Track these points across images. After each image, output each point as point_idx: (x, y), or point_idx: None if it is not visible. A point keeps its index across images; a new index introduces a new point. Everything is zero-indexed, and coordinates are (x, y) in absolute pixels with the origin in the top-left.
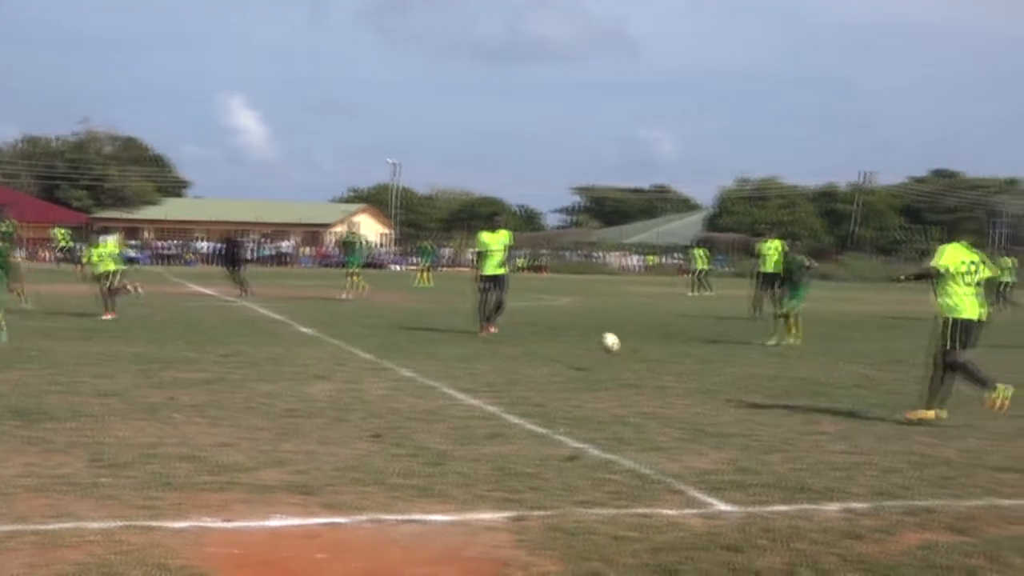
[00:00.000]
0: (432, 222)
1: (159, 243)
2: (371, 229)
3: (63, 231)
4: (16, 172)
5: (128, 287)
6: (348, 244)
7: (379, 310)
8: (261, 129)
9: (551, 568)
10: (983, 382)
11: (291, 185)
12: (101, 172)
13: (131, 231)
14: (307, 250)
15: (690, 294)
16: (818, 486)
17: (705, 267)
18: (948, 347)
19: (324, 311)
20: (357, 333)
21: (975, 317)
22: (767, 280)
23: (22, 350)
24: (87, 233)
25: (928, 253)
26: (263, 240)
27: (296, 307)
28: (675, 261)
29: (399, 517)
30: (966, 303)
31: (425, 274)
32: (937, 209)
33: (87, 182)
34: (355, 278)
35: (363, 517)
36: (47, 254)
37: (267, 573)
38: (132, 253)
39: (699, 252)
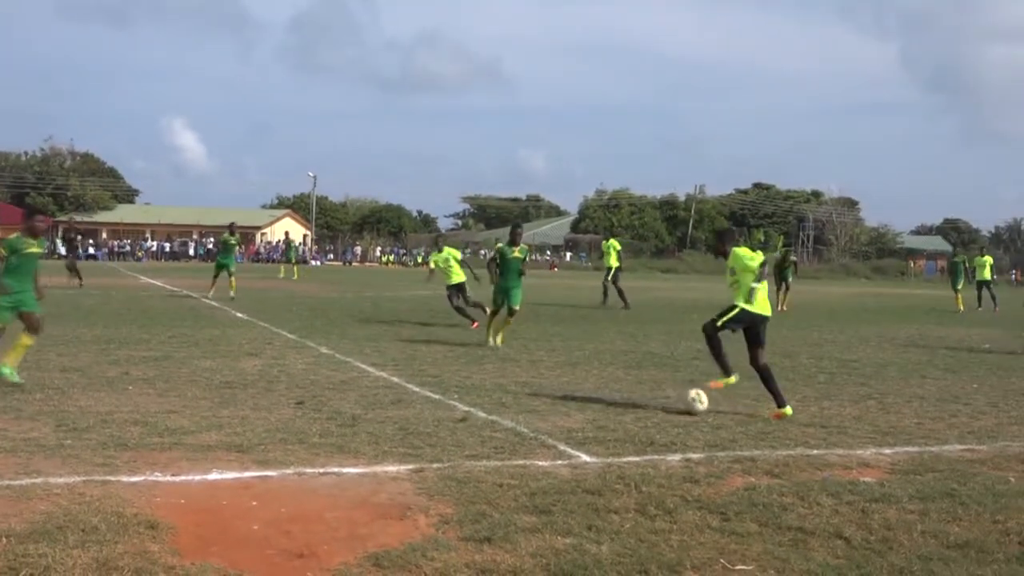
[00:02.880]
0: (345, 225)
1: (114, 242)
2: (294, 231)
3: None
4: None
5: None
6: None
7: (301, 299)
8: (200, 147)
9: (446, 511)
10: (724, 366)
11: (225, 194)
12: (63, 182)
13: (90, 232)
14: (240, 248)
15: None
16: (663, 440)
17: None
18: (719, 323)
19: (254, 299)
20: (283, 317)
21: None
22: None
23: None
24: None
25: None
26: (204, 239)
27: (242, 297)
28: (547, 258)
29: (319, 470)
30: (759, 298)
31: (294, 267)
32: (756, 215)
33: (51, 190)
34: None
35: (289, 471)
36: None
37: (208, 518)
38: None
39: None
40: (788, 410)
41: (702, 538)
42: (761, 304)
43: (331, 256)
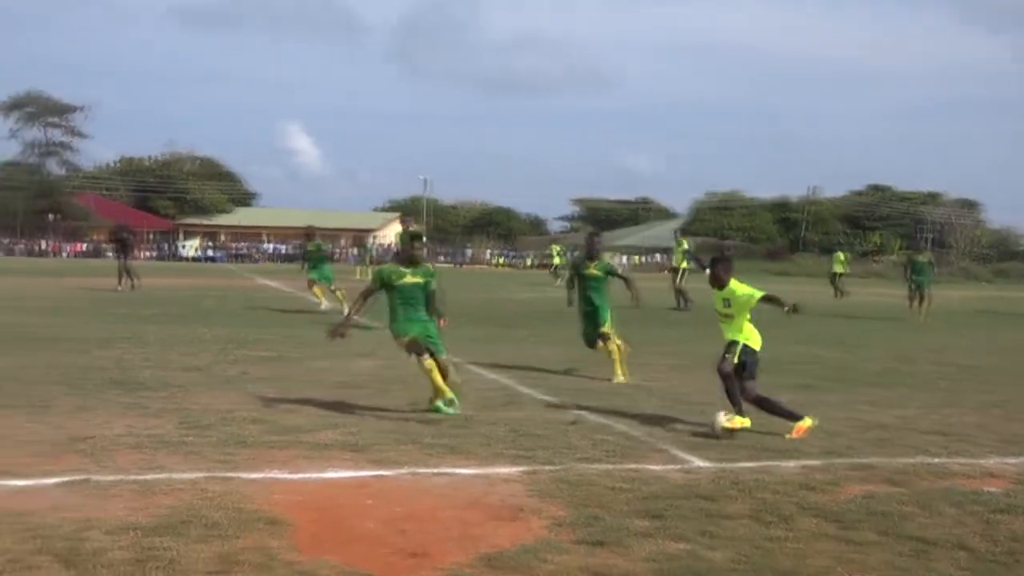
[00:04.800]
0: (456, 227)
1: (232, 244)
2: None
3: None
4: (115, 186)
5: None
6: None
7: None
8: (314, 150)
9: (559, 513)
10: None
11: (339, 197)
12: (184, 186)
13: (210, 235)
14: (354, 250)
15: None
16: (777, 446)
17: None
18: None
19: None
20: None
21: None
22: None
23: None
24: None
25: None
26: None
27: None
28: (656, 260)
29: (432, 470)
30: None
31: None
32: (872, 217)
33: (172, 194)
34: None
35: (403, 470)
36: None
37: (325, 516)
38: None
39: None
40: (808, 420)
41: (819, 546)
42: (755, 339)
43: (442, 258)
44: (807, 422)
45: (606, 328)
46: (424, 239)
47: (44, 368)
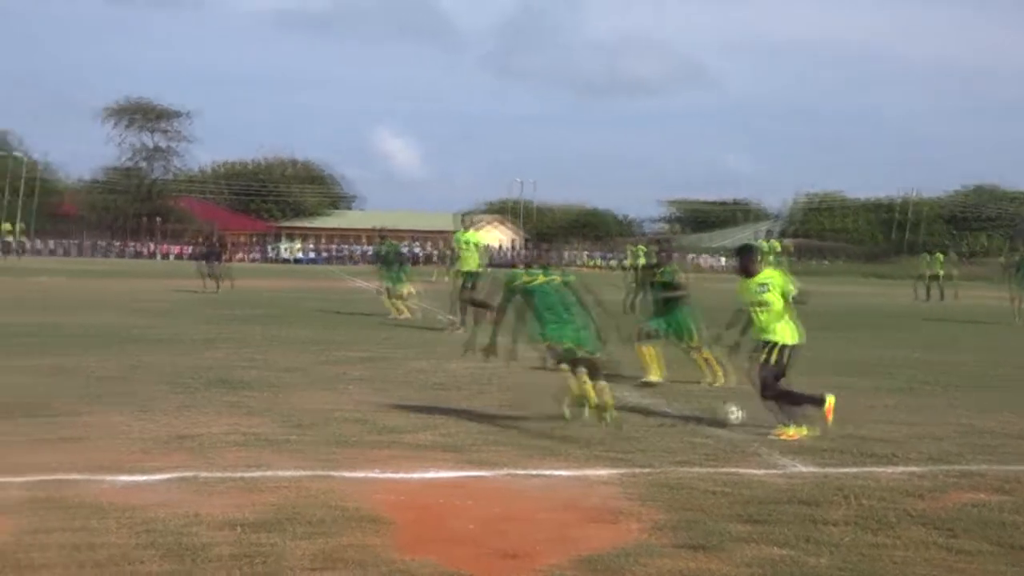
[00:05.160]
0: (553, 230)
1: (331, 247)
2: (502, 236)
3: (8, 226)
4: (216, 190)
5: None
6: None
7: None
8: (410, 153)
9: (657, 516)
10: (812, 400)
11: (436, 200)
12: (284, 189)
13: (309, 237)
14: (450, 252)
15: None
16: (881, 452)
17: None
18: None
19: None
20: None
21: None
22: None
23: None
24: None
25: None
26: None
27: (442, 298)
28: None
29: (529, 472)
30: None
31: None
32: (978, 218)
33: (273, 197)
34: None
35: (500, 471)
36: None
37: (423, 515)
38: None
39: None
40: (804, 430)
41: (926, 555)
42: (792, 332)
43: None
44: (803, 431)
45: (694, 343)
46: (540, 244)
47: (153, 368)
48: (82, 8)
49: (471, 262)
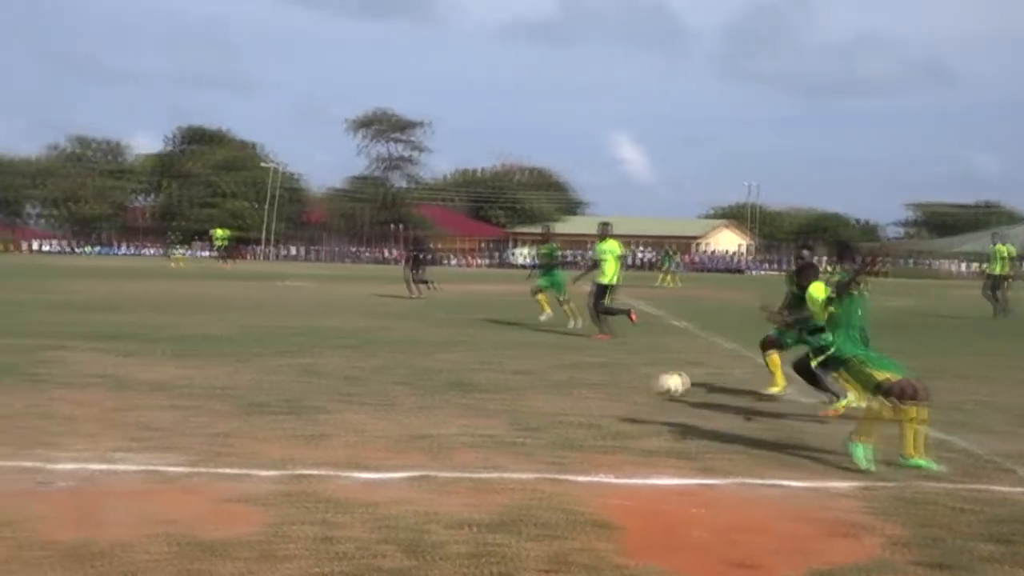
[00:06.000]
0: (785, 234)
1: (562, 252)
2: (732, 241)
3: (222, 231)
4: (452, 197)
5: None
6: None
7: (736, 309)
8: (640, 158)
9: (897, 532)
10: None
11: (666, 204)
12: (516, 196)
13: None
14: (679, 257)
15: None
16: None
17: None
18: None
19: (693, 308)
20: (721, 327)
21: None
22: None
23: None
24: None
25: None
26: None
27: (669, 304)
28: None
29: (762, 481)
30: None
31: (668, 277)
32: None
33: (505, 203)
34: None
35: (732, 480)
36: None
37: (653, 522)
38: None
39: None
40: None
41: None
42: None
43: (767, 265)
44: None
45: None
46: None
47: (393, 369)
48: (331, 24)
49: (609, 272)
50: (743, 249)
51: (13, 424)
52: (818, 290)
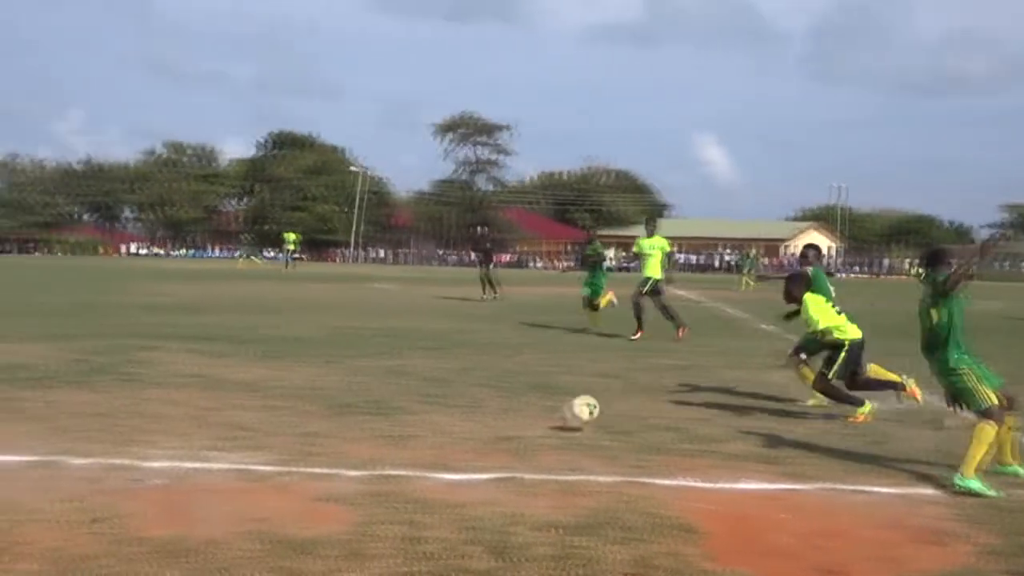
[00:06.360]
0: (874, 237)
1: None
2: (820, 243)
3: (294, 235)
4: (536, 200)
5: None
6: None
7: None
8: (725, 160)
9: (988, 540)
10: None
11: (751, 206)
12: (600, 198)
13: (624, 245)
14: (766, 260)
15: None
16: None
17: None
18: (831, 376)
19: (780, 311)
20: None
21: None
22: None
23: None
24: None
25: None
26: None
27: (756, 307)
28: None
29: (849, 487)
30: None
31: (746, 279)
32: None
33: (589, 206)
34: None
35: (818, 485)
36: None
37: (738, 526)
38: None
39: None
40: (867, 406)
41: None
42: (853, 329)
43: (857, 268)
44: (866, 408)
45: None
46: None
47: (477, 371)
48: (417, 28)
49: (654, 268)
50: (830, 251)
51: (109, 422)
52: (812, 300)
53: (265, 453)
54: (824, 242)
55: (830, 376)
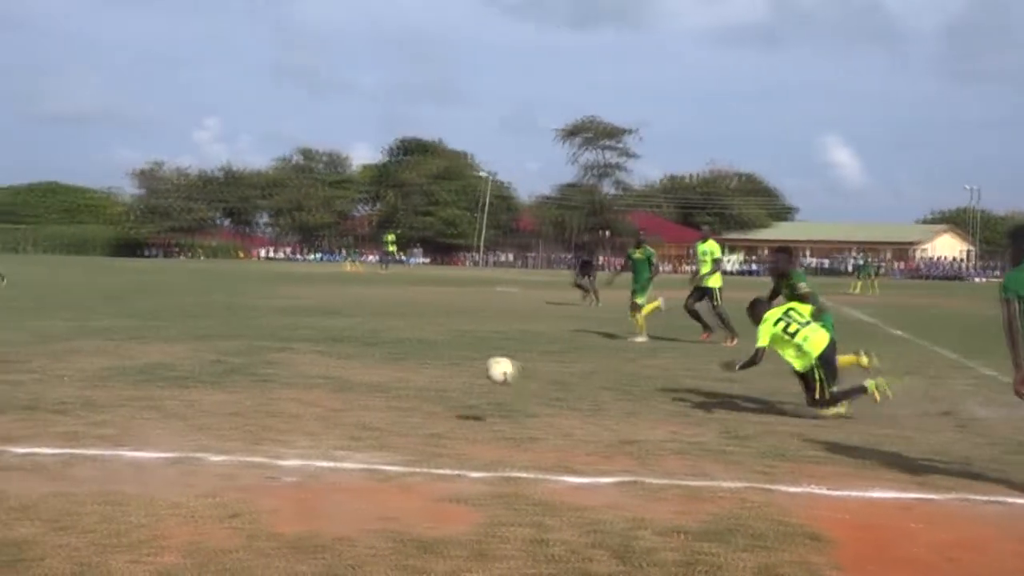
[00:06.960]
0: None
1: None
2: (953, 247)
3: (392, 236)
4: (660, 203)
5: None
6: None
7: (958, 318)
8: (852, 162)
9: None
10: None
11: (880, 209)
12: (725, 201)
13: (749, 249)
14: (896, 264)
15: None
16: None
17: None
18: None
19: (912, 316)
20: (941, 336)
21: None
22: None
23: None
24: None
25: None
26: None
27: (887, 312)
28: None
29: (985, 497)
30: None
31: (868, 283)
32: None
33: (714, 209)
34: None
35: (952, 495)
36: (688, 268)
37: (867, 536)
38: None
39: None
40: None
41: None
42: (816, 342)
43: (990, 272)
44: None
45: None
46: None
47: (602, 374)
48: (540, 34)
49: (714, 278)
50: (964, 255)
51: (243, 421)
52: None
53: (392, 453)
54: (957, 246)
55: (825, 393)
